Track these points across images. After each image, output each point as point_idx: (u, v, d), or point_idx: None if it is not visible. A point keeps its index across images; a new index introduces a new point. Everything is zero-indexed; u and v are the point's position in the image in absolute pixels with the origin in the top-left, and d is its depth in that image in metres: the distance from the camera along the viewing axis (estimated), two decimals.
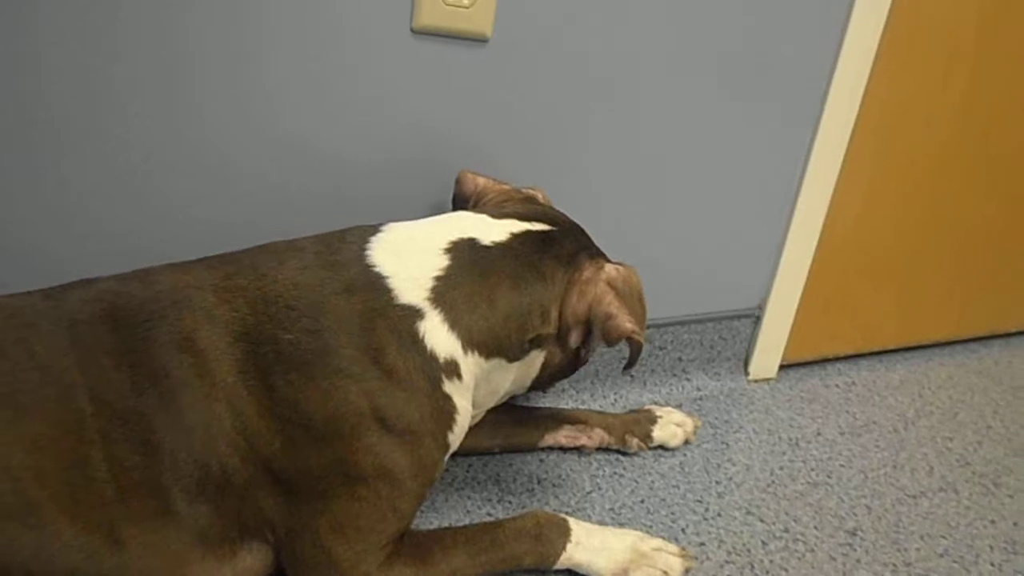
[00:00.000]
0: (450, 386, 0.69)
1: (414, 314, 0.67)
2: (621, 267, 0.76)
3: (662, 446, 1.04)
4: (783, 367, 1.30)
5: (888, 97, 1.16)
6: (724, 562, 0.87)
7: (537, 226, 0.76)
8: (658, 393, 1.17)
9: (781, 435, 1.12)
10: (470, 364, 0.70)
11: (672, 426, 1.04)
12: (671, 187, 1.08)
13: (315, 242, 0.71)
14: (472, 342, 0.70)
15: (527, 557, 0.76)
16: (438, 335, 0.68)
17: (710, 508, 0.95)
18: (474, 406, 0.75)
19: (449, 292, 0.69)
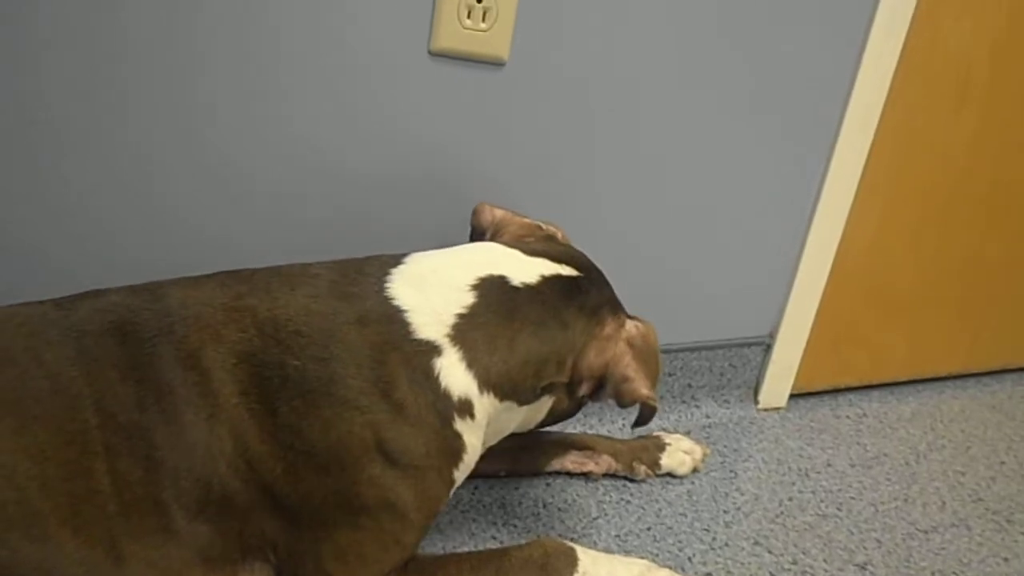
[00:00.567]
0: (462, 424, 0.68)
1: (431, 350, 0.67)
2: (640, 324, 0.76)
3: (670, 473, 1.03)
4: (793, 396, 1.28)
5: (902, 127, 1.16)
6: None
7: (567, 271, 0.75)
8: (667, 420, 1.16)
9: (791, 465, 1.11)
10: (484, 404, 0.69)
11: (680, 453, 1.03)
12: (684, 213, 1.08)
13: (331, 270, 0.70)
14: (489, 383, 0.69)
15: None
16: (455, 373, 0.67)
17: (718, 538, 0.94)
18: None
19: (471, 331, 0.68)
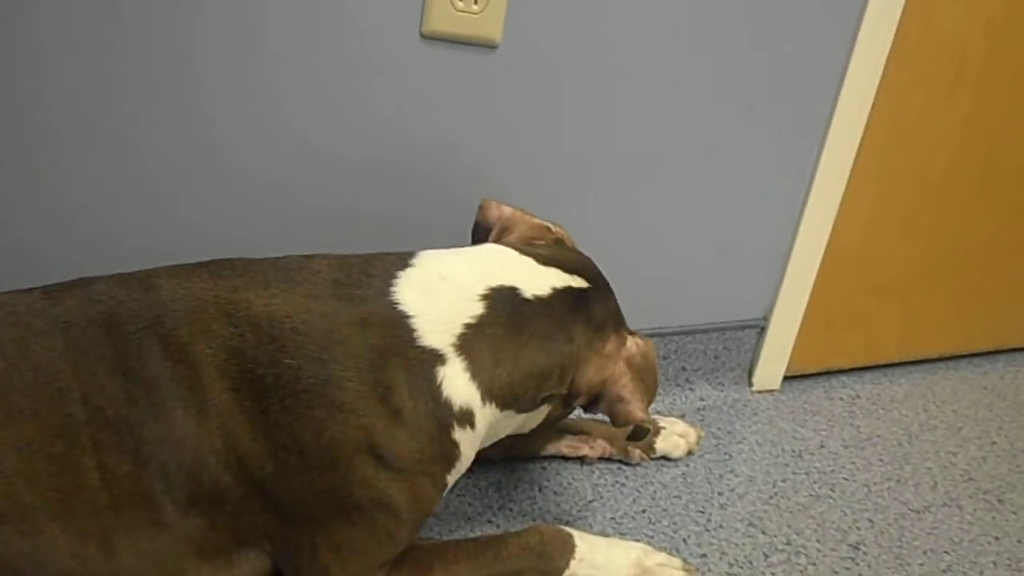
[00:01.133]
0: (460, 434, 0.67)
1: (436, 358, 0.65)
2: (640, 342, 0.76)
3: (665, 456, 1.03)
4: (787, 378, 1.29)
5: (896, 110, 1.16)
6: (726, 574, 0.86)
7: (577, 282, 0.74)
8: (661, 403, 1.17)
9: (784, 447, 1.12)
10: (485, 414, 0.68)
11: (675, 436, 1.03)
12: (679, 197, 1.08)
13: (334, 267, 0.67)
14: (492, 394, 0.68)
15: (529, 574, 0.75)
16: (458, 383, 0.66)
17: (712, 519, 0.94)
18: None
19: (478, 342, 0.67)
